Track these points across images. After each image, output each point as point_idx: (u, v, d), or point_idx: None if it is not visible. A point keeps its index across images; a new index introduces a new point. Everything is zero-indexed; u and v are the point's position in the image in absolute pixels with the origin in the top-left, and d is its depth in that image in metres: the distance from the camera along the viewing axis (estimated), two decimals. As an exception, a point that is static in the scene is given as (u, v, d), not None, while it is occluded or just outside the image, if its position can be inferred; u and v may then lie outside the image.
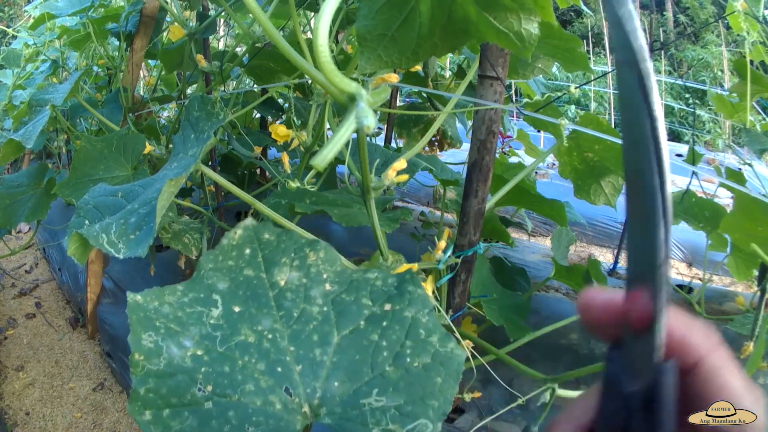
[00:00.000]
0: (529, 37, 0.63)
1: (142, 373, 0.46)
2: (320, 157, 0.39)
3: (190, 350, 0.47)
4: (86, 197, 0.80)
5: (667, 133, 0.28)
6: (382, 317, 0.50)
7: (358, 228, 0.98)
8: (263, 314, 0.50)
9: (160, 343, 0.47)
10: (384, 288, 0.52)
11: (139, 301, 0.49)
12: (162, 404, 0.44)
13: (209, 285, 0.50)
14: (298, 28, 1.01)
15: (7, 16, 7.21)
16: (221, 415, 0.45)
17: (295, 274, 0.52)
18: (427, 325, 0.49)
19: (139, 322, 0.48)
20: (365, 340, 0.49)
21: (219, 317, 0.49)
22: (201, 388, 0.46)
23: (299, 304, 0.51)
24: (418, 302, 0.50)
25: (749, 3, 1.24)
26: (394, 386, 0.46)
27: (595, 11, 11.09)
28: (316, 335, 0.49)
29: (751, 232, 1.06)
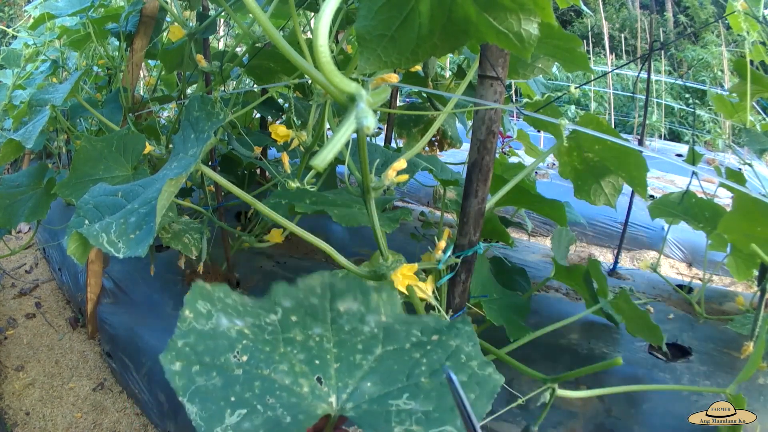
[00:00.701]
0: (529, 38, 0.63)
1: (187, 328, 0.48)
2: (320, 158, 0.39)
3: (238, 327, 0.50)
4: (86, 197, 0.80)
5: (667, 133, 0.29)
6: (427, 343, 0.53)
7: (358, 228, 0.98)
8: (316, 324, 0.53)
9: (212, 312, 0.50)
10: (436, 326, 0.55)
11: (207, 287, 0.52)
12: (194, 359, 0.46)
13: (275, 301, 0.54)
14: (298, 28, 1.01)
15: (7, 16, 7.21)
16: (247, 382, 0.46)
17: (356, 305, 0.55)
18: (469, 352, 0.53)
19: (200, 294, 0.50)
20: (407, 356, 0.52)
21: (275, 321, 0.52)
22: (237, 356, 0.48)
23: (353, 323, 0.54)
24: (465, 336, 0.54)
25: (749, 3, 1.24)
26: (426, 395, 0.48)
27: (595, 11, 11.09)
28: (361, 345, 0.52)
29: (751, 233, 1.06)
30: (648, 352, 1.29)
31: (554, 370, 1.21)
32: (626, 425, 1.09)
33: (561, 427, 1.09)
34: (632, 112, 8.31)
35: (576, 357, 1.27)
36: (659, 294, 1.67)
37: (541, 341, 1.06)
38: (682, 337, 1.35)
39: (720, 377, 1.19)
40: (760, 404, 1.09)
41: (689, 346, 1.32)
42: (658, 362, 1.26)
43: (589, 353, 1.29)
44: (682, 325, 1.42)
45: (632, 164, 1.12)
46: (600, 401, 1.13)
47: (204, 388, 0.45)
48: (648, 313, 1.12)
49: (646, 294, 1.66)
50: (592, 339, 1.34)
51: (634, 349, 1.30)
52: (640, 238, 3.20)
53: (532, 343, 1.01)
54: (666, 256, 3.09)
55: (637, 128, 6.99)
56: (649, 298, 1.61)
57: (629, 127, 7.95)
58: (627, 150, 1.09)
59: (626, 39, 10.82)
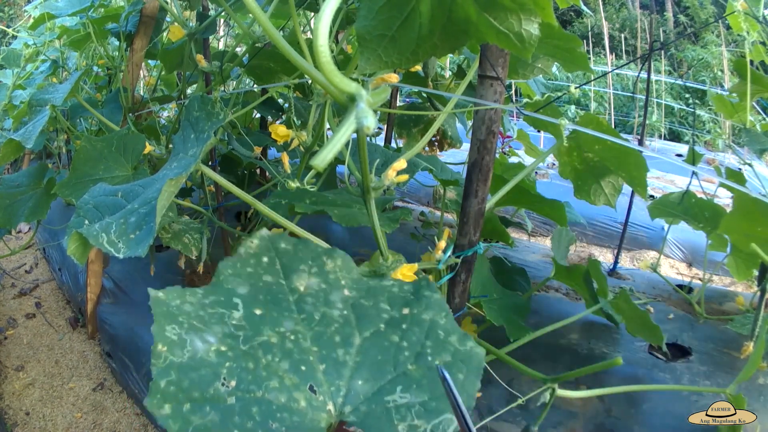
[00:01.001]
0: (530, 38, 0.63)
1: (165, 364, 0.45)
2: (320, 158, 0.39)
3: (213, 346, 0.47)
4: (86, 197, 0.80)
5: (667, 133, 0.30)
6: (401, 320, 0.51)
7: (358, 228, 0.98)
8: (284, 317, 0.51)
9: (183, 336, 0.47)
10: (401, 294, 0.53)
11: (162, 297, 0.49)
12: (183, 398, 0.43)
13: (229, 289, 0.51)
14: (298, 28, 1.01)
15: (7, 16, 7.21)
16: (244, 410, 0.44)
17: (314, 280, 0.53)
18: (445, 326, 0.51)
19: (162, 315, 0.47)
20: (386, 341, 0.50)
21: (240, 319, 0.50)
22: (225, 383, 0.45)
23: (320, 308, 0.52)
24: (435, 306, 0.52)
25: (749, 3, 1.24)
26: (418, 384, 0.47)
27: (595, 11, 11.09)
28: (338, 336, 0.50)
29: (751, 233, 1.06)
30: (648, 352, 1.29)
31: (554, 370, 1.21)
32: (626, 425, 1.09)
33: (561, 427, 1.09)
34: (632, 112, 8.31)
35: (576, 357, 1.27)
36: (659, 294, 1.67)
37: (541, 341, 1.06)
38: (682, 337, 1.35)
39: (720, 377, 1.19)
40: (760, 404, 1.09)
41: (689, 346, 1.32)
42: (658, 362, 1.26)
43: (589, 353, 1.29)
44: (682, 325, 1.42)
45: (632, 164, 1.12)
46: (600, 401, 1.13)
47: (202, 426, 0.42)
48: (648, 313, 1.12)
49: (646, 294, 1.66)
50: (592, 339, 1.34)
51: (634, 349, 1.30)
52: (640, 238, 3.20)
53: (532, 343, 1.01)
54: (666, 256, 3.09)
55: (637, 128, 6.99)
56: (649, 298, 1.61)
57: (629, 127, 7.95)
58: (627, 150, 1.09)
59: (626, 39, 10.82)
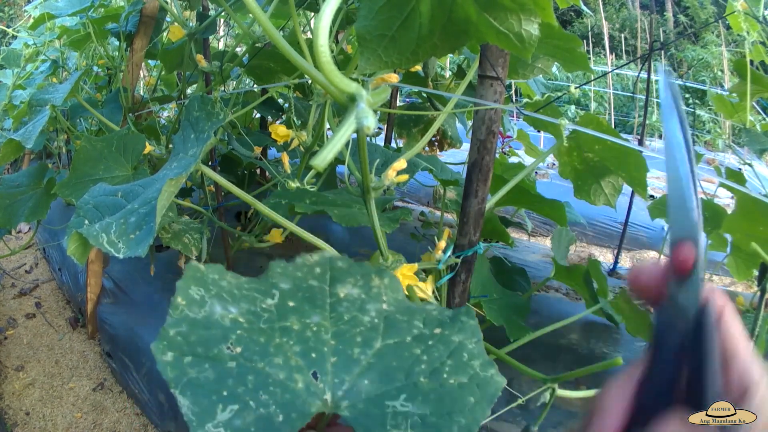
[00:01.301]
0: (530, 38, 0.63)
1: (179, 316, 0.46)
2: (320, 158, 0.39)
3: (232, 315, 0.48)
4: (86, 197, 0.80)
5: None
6: (429, 337, 0.51)
7: (358, 228, 0.98)
8: (315, 312, 0.51)
9: (206, 299, 0.48)
10: (439, 317, 0.53)
11: (201, 269, 0.50)
12: (187, 350, 0.44)
13: (272, 283, 0.51)
14: (298, 28, 1.01)
15: (7, 16, 7.21)
16: (240, 375, 0.45)
17: (356, 290, 0.53)
18: (472, 350, 0.50)
19: (193, 278, 0.48)
20: (407, 352, 0.50)
21: (271, 306, 0.50)
22: (230, 347, 0.46)
23: (352, 312, 0.52)
24: (468, 331, 0.52)
25: (749, 3, 1.24)
26: (424, 396, 0.47)
27: (595, 11, 11.09)
28: (360, 338, 0.50)
29: (752, 233, 1.06)
30: (648, 352, 1.29)
31: (554, 370, 1.21)
32: (626, 425, 1.08)
33: (561, 427, 1.09)
34: (632, 112, 8.31)
35: (576, 357, 1.27)
36: (659, 294, 1.67)
37: (541, 341, 1.06)
38: (682, 337, 1.35)
39: (720, 377, 1.19)
40: (760, 404, 1.09)
41: (689, 346, 1.32)
42: (658, 362, 1.26)
43: (589, 353, 1.29)
44: (682, 325, 1.42)
45: (632, 164, 1.12)
46: (600, 401, 1.13)
47: (196, 380, 0.43)
48: (648, 313, 1.12)
49: (646, 294, 1.66)
50: (592, 339, 1.34)
51: (635, 349, 1.31)
52: (640, 238, 3.20)
53: (532, 343, 1.01)
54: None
55: (637, 128, 6.99)
56: (649, 298, 1.61)
57: (629, 127, 7.95)
58: (627, 150, 1.09)
59: (626, 39, 10.82)
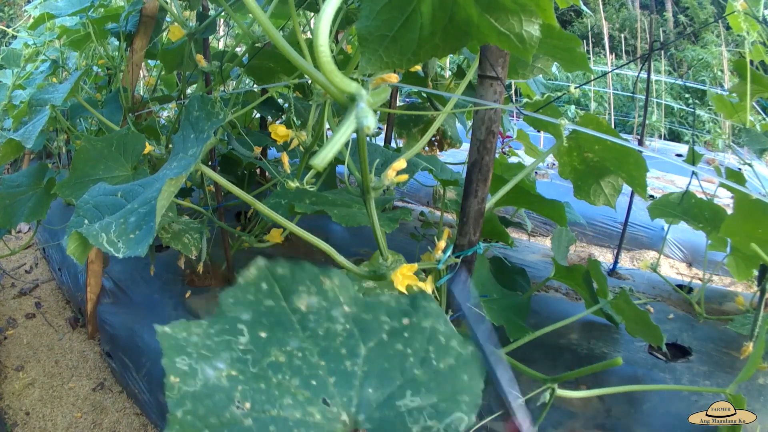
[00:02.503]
0: (530, 39, 0.63)
1: (179, 395, 0.46)
2: (320, 158, 0.39)
3: (224, 371, 0.48)
4: (86, 197, 0.80)
5: (667, 133, 0.30)
6: (402, 329, 0.53)
7: (358, 228, 0.98)
8: (289, 336, 0.52)
9: (194, 365, 0.48)
10: (398, 307, 0.55)
11: (168, 332, 0.50)
12: (201, 425, 0.44)
13: (232, 317, 0.52)
14: (298, 28, 1.01)
15: (7, 16, 7.21)
16: (262, 430, 0.45)
17: (314, 299, 0.54)
18: (445, 332, 0.53)
19: (171, 348, 0.49)
20: (391, 350, 0.52)
21: (247, 343, 0.51)
22: (239, 405, 0.46)
23: (323, 324, 0.53)
24: (433, 314, 0.54)
25: (749, 3, 1.24)
26: (426, 387, 0.49)
27: (595, 11, 11.09)
28: (344, 349, 0.52)
29: (751, 234, 1.06)
30: (648, 352, 1.29)
31: (554, 370, 1.21)
32: (626, 425, 1.09)
33: (561, 427, 1.09)
34: (632, 112, 8.31)
35: (576, 357, 1.27)
36: (659, 294, 1.67)
37: (541, 341, 1.06)
38: (682, 337, 1.35)
39: (720, 377, 1.19)
40: (760, 404, 1.09)
41: (689, 346, 1.32)
42: (658, 362, 1.26)
43: (589, 353, 1.29)
44: (682, 325, 1.42)
45: (632, 164, 1.12)
46: (600, 401, 1.13)
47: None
48: (648, 313, 1.12)
49: (646, 294, 1.66)
50: (592, 339, 1.34)
51: (634, 349, 1.31)
52: (640, 238, 3.20)
53: (532, 343, 1.01)
54: (666, 256, 3.09)
55: (637, 128, 6.99)
56: (649, 298, 1.61)
57: (629, 127, 7.95)
58: (627, 150, 1.09)
59: (626, 39, 10.82)
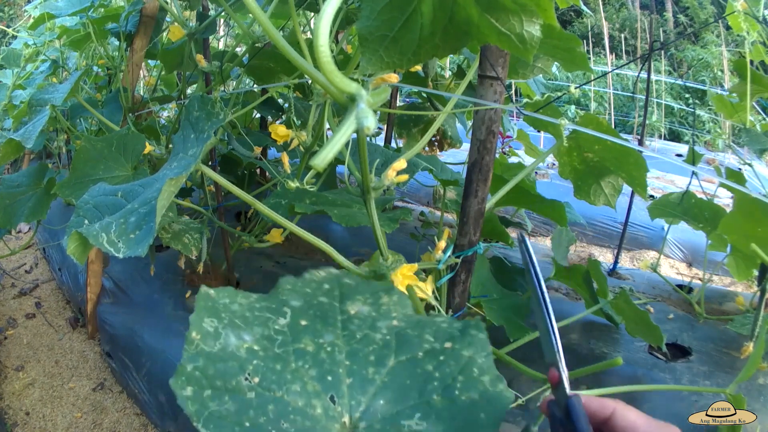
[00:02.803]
0: (531, 40, 0.63)
1: (195, 351, 0.47)
2: (320, 158, 0.39)
3: (247, 343, 0.49)
4: (86, 197, 0.80)
5: (667, 133, 0.30)
6: (440, 352, 0.52)
7: (358, 228, 0.98)
8: (328, 330, 0.52)
9: (220, 330, 0.49)
10: (449, 330, 0.54)
11: (211, 294, 0.51)
12: (206, 384, 0.46)
13: (283, 300, 0.53)
14: (298, 28, 1.01)
15: (7, 16, 7.21)
16: (261, 406, 0.46)
17: (366, 308, 0.55)
18: (482, 365, 0.52)
19: (205, 308, 0.50)
20: (419, 369, 0.51)
21: (284, 325, 0.52)
22: (248, 378, 0.47)
23: (364, 329, 0.53)
24: (478, 344, 0.53)
25: (749, 3, 1.24)
26: (437, 414, 0.48)
27: (595, 11, 11.09)
28: (373, 356, 0.51)
29: (751, 233, 1.06)
30: (648, 352, 1.29)
31: (554, 370, 1.21)
32: (626, 425, 1.08)
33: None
34: (632, 112, 8.31)
35: (576, 357, 1.27)
36: (659, 294, 1.67)
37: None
38: (682, 337, 1.35)
39: (720, 377, 1.19)
40: (760, 404, 1.09)
41: (689, 346, 1.32)
42: (658, 362, 1.26)
43: (589, 353, 1.29)
44: (682, 325, 1.42)
45: (632, 164, 1.12)
46: (600, 401, 1.13)
47: (218, 413, 0.44)
48: (648, 313, 1.12)
49: (646, 294, 1.66)
50: (592, 339, 1.34)
51: (634, 349, 1.31)
52: (640, 238, 3.20)
53: (532, 343, 1.01)
54: (666, 256, 3.09)
55: (637, 128, 6.99)
56: (649, 298, 1.61)
57: (629, 127, 7.95)
58: (627, 150, 1.09)
59: (626, 39, 10.82)
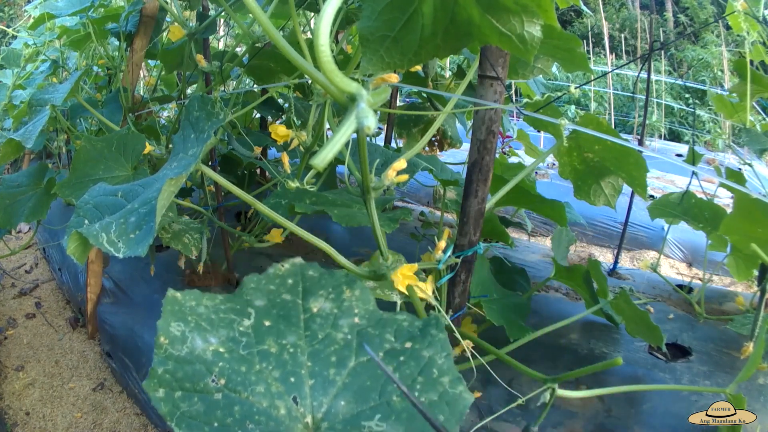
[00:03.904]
0: (532, 40, 0.63)
1: (164, 355, 0.49)
2: (320, 157, 0.39)
3: (213, 346, 0.51)
4: (86, 197, 0.80)
5: (667, 133, 0.30)
6: (401, 353, 0.53)
7: (358, 228, 0.98)
8: (291, 331, 0.54)
9: (186, 333, 0.51)
10: (409, 329, 0.55)
11: (178, 298, 0.53)
12: (176, 386, 0.48)
13: (247, 300, 0.55)
14: (298, 28, 1.01)
15: (7, 16, 7.21)
16: (227, 407, 0.48)
17: (329, 304, 0.56)
18: (441, 366, 0.52)
19: (171, 313, 0.52)
20: (379, 370, 0.52)
21: (249, 327, 0.53)
22: (215, 379, 0.49)
23: (326, 329, 0.54)
24: (438, 345, 0.53)
25: (749, 3, 1.24)
26: (397, 416, 0.49)
27: (595, 11, 11.09)
28: (335, 357, 0.53)
29: (751, 233, 1.06)
30: (648, 352, 1.29)
31: (554, 370, 1.21)
32: (626, 425, 1.09)
33: (561, 427, 1.09)
34: (632, 112, 8.31)
35: (576, 357, 1.27)
36: (659, 294, 1.67)
37: (541, 341, 1.06)
38: (682, 337, 1.35)
39: (720, 377, 1.19)
40: (760, 404, 1.09)
41: (689, 346, 1.32)
42: (658, 362, 1.26)
43: (589, 353, 1.29)
44: (682, 325, 1.42)
45: (632, 164, 1.12)
46: (600, 401, 1.13)
47: (188, 413, 0.47)
48: (648, 313, 1.12)
49: (646, 294, 1.66)
50: (592, 339, 1.34)
51: (634, 349, 1.31)
52: (640, 238, 3.20)
53: (532, 343, 1.01)
54: (666, 256, 3.09)
55: (637, 128, 6.99)
56: (649, 298, 1.61)
57: (629, 127, 7.95)
58: (627, 150, 1.09)
59: (626, 39, 10.82)
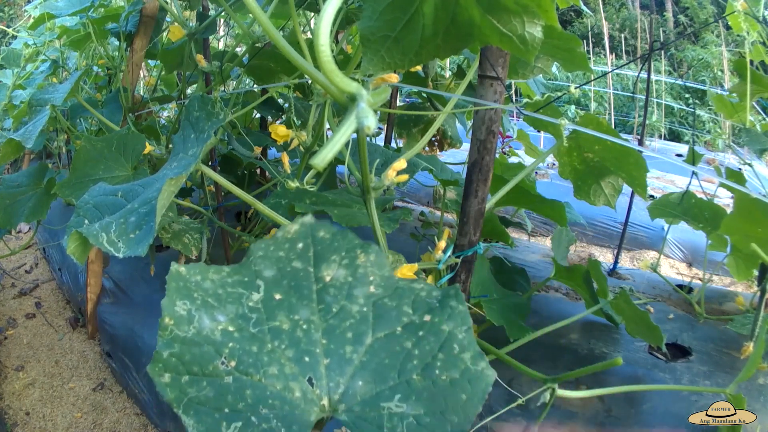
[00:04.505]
0: (533, 41, 0.63)
1: (170, 336, 0.46)
2: (320, 157, 0.39)
3: (221, 324, 0.48)
4: (86, 196, 0.80)
5: (667, 133, 0.30)
6: (419, 327, 0.50)
7: (358, 228, 0.97)
8: (303, 305, 0.50)
9: (193, 312, 0.48)
10: (428, 299, 0.52)
11: (182, 272, 0.49)
12: (183, 370, 0.45)
13: (256, 271, 0.51)
14: (298, 28, 1.01)
15: (7, 16, 7.21)
16: (239, 391, 0.45)
17: (342, 272, 0.52)
18: (462, 341, 0.49)
19: (176, 290, 0.48)
20: (398, 346, 0.49)
21: (258, 301, 0.50)
22: (225, 362, 0.46)
23: (340, 301, 0.51)
24: (458, 318, 0.51)
25: (749, 3, 1.24)
26: (417, 395, 0.46)
27: (595, 11, 11.09)
28: (351, 333, 0.50)
29: (751, 233, 1.06)
30: (648, 352, 1.29)
31: (554, 370, 1.21)
32: (626, 425, 1.09)
33: (561, 427, 1.09)
34: (632, 112, 8.31)
35: (576, 357, 1.27)
36: (659, 294, 1.67)
37: (541, 341, 1.06)
38: (682, 337, 1.35)
39: (720, 377, 1.19)
40: (760, 404, 1.09)
41: (689, 346, 1.32)
42: (658, 362, 1.26)
43: (589, 353, 1.29)
44: (682, 325, 1.42)
45: (632, 164, 1.12)
46: (600, 401, 1.13)
47: (197, 399, 0.44)
48: (648, 313, 1.12)
49: (646, 294, 1.66)
50: (592, 339, 1.34)
51: (634, 349, 1.31)
52: (640, 238, 3.20)
53: (532, 343, 1.01)
54: (666, 256, 3.09)
55: (637, 128, 6.99)
56: (649, 298, 1.61)
57: (629, 127, 7.95)
58: (627, 150, 1.09)
59: (626, 39, 10.82)
